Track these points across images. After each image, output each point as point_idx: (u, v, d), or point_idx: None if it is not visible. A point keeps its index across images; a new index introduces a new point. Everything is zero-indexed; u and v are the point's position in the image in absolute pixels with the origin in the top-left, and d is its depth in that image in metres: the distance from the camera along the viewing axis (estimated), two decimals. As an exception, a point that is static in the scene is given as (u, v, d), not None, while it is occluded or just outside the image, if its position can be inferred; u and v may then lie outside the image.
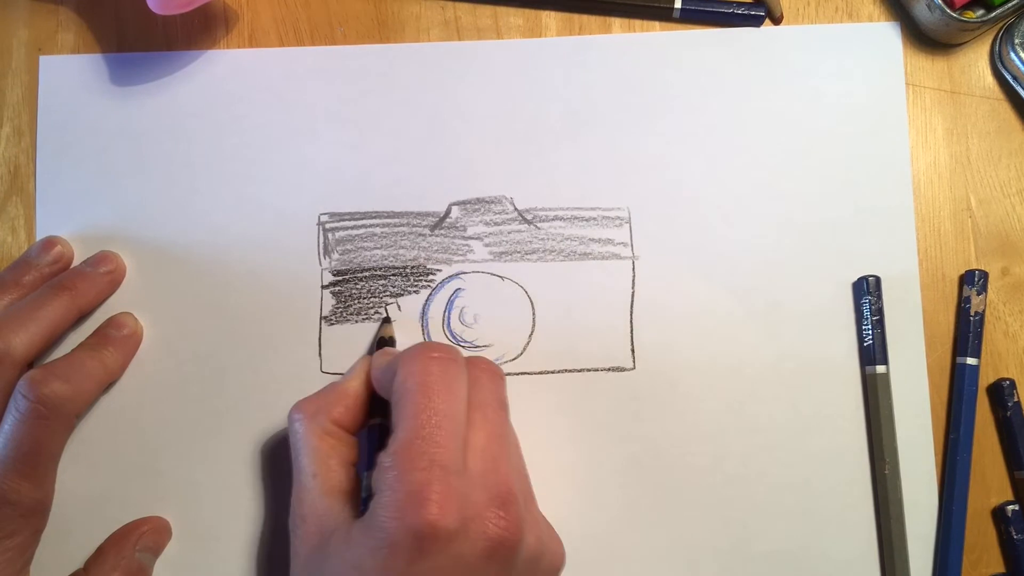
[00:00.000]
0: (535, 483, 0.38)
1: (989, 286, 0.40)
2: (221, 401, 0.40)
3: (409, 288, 0.40)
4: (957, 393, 0.39)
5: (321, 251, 0.41)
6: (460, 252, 0.41)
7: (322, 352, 0.40)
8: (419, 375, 0.32)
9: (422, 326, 0.40)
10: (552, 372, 0.40)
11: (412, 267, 0.41)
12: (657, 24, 0.42)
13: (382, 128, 0.41)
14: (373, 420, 0.35)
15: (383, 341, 0.39)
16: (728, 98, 0.41)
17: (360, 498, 0.33)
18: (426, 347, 0.33)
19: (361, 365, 0.36)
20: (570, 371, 0.40)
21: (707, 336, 0.40)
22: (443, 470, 0.30)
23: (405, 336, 0.40)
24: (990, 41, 0.42)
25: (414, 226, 0.41)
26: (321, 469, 0.33)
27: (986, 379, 0.40)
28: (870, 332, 0.39)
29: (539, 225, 0.41)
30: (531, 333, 0.40)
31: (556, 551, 0.33)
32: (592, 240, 0.40)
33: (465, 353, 0.40)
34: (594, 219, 0.41)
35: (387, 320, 0.40)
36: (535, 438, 0.39)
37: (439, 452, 0.30)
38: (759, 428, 0.39)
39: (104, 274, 0.40)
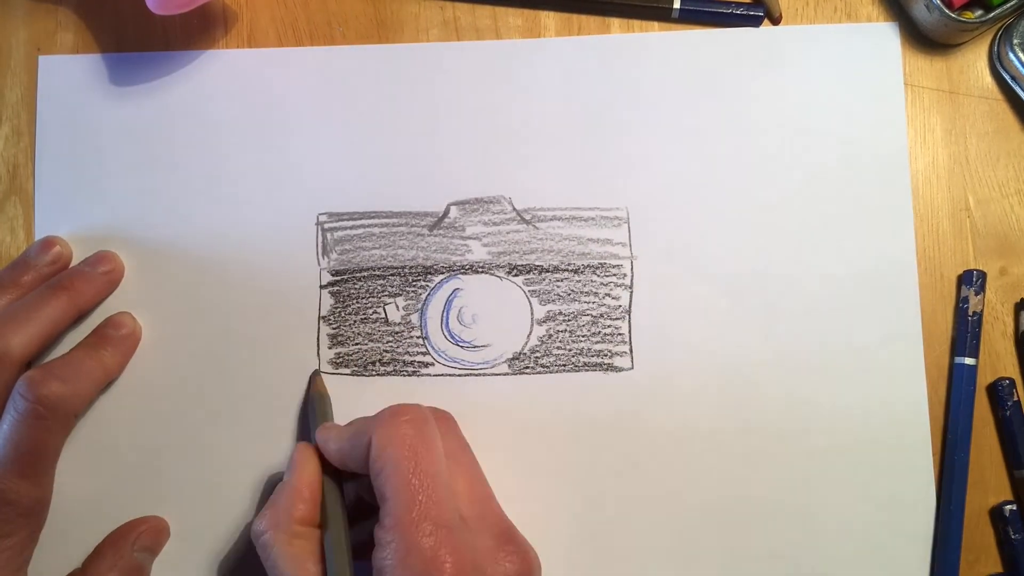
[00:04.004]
0: (534, 484, 0.38)
1: (987, 286, 0.40)
2: (219, 401, 0.40)
3: (407, 288, 0.40)
4: (955, 393, 0.39)
5: (320, 251, 0.41)
6: (459, 252, 0.41)
7: (320, 352, 0.40)
8: (399, 442, 0.32)
9: (420, 326, 0.40)
10: (550, 372, 0.40)
11: (411, 267, 0.41)
12: (656, 24, 0.42)
13: (381, 128, 0.41)
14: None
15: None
16: (727, 98, 0.41)
17: None
18: (396, 412, 0.33)
19: (303, 454, 0.35)
20: (568, 371, 0.40)
21: (705, 336, 0.40)
22: (448, 530, 0.30)
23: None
24: (989, 41, 0.42)
25: (413, 226, 0.41)
26: (302, 573, 0.32)
27: (985, 379, 0.40)
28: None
29: (537, 225, 0.41)
30: (529, 333, 0.40)
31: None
32: (590, 240, 0.40)
33: (472, 356, 0.40)
34: (592, 219, 0.41)
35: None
36: (533, 439, 0.39)
37: (439, 513, 0.30)
38: (757, 427, 0.39)
39: (103, 274, 0.40)
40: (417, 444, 0.32)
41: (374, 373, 0.40)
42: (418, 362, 0.40)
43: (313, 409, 0.38)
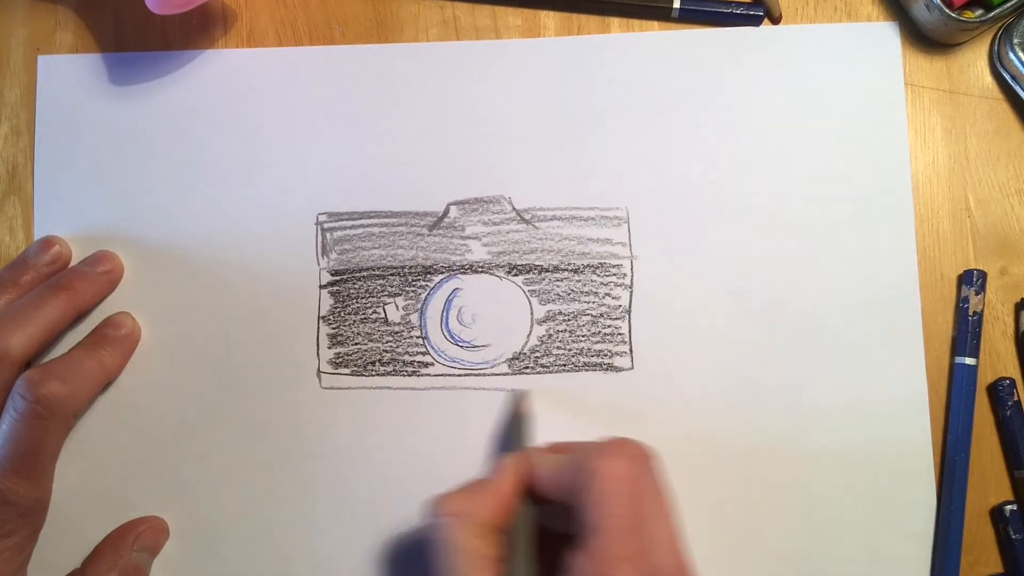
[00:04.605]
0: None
1: (988, 286, 0.40)
2: (219, 401, 0.40)
3: (407, 288, 0.40)
4: (955, 393, 0.39)
5: (319, 251, 0.41)
6: (458, 252, 0.41)
7: (320, 352, 0.40)
8: (620, 476, 0.31)
9: (420, 326, 0.40)
10: (550, 372, 0.40)
11: (410, 267, 0.41)
12: (656, 24, 0.42)
13: (380, 128, 0.41)
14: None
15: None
16: (727, 98, 0.41)
17: None
18: (620, 445, 0.32)
19: (514, 464, 0.34)
20: (568, 371, 0.40)
21: (705, 336, 0.40)
22: None
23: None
24: (989, 41, 0.42)
25: (412, 226, 0.41)
26: (474, 572, 0.31)
27: (985, 379, 0.40)
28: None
29: (537, 225, 0.41)
30: (529, 333, 0.40)
31: None
32: (590, 240, 0.40)
33: (472, 356, 0.40)
34: (592, 219, 0.41)
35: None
36: (532, 439, 0.39)
37: (644, 560, 0.30)
38: (757, 427, 0.39)
39: (102, 274, 0.40)
40: (638, 484, 0.31)
41: (374, 373, 0.40)
42: (418, 362, 0.40)
43: (517, 428, 0.38)
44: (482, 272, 0.40)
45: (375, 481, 0.39)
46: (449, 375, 0.40)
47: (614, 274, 0.40)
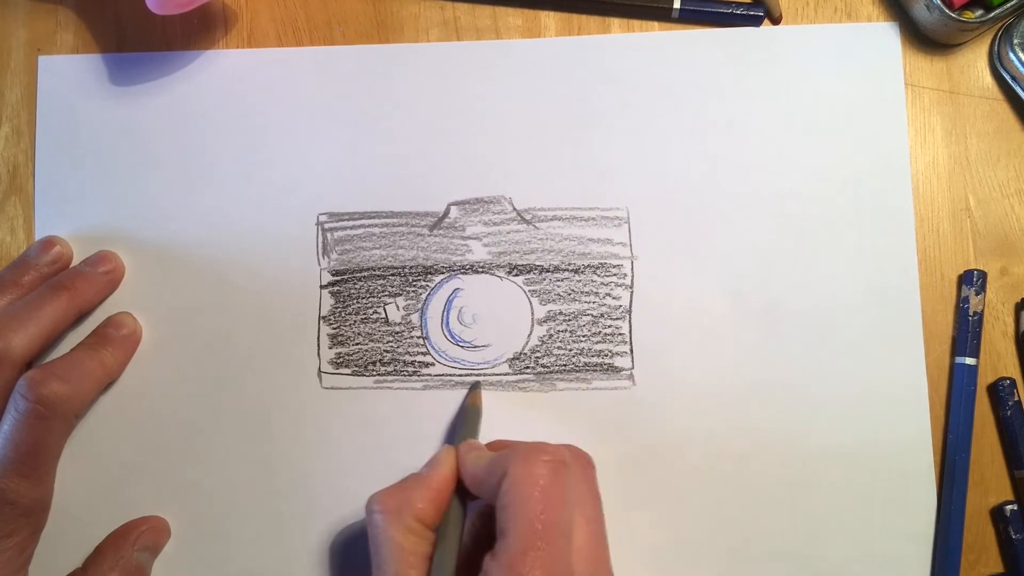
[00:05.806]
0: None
1: (988, 286, 0.40)
2: (220, 401, 0.40)
3: (408, 288, 0.40)
4: (955, 393, 0.39)
5: (320, 251, 0.41)
6: (459, 252, 0.41)
7: (320, 352, 0.40)
8: (531, 482, 0.31)
9: (421, 326, 0.40)
10: (551, 372, 0.40)
11: (411, 267, 0.41)
12: (656, 24, 0.42)
13: (381, 128, 0.41)
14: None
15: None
16: (727, 98, 0.41)
17: None
18: (535, 450, 0.32)
19: (446, 458, 0.34)
20: (568, 371, 0.40)
21: (706, 336, 0.40)
22: None
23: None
24: (989, 41, 0.42)
25: (413, 226, 0.41)
26: (404, 568, 0.32)
27: (986, 379, 0.40)
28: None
29: (538, 225, 0.41)
30: (529, 333, 0.40)
31: None
32: (591, 240, 0.40)
33: (473, 356, 0.40)
34: (593, 219, 0.41)
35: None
36: (533, 439, 0.39)
37: (552, 566, 0.29)
38: (757, 427, 0.39)
39: (103, 274, 0.40)
40: (549, 488, 0.31)
41: (374, 373, 0.40)
42: (418, 362, 0.40)
43: (463, 421, 0.38)
44: (483, 272, 0.40)
45: (375, 481, 0.39)
46: (450, 375, 0.40)
47: (615, 274, 0.40)
